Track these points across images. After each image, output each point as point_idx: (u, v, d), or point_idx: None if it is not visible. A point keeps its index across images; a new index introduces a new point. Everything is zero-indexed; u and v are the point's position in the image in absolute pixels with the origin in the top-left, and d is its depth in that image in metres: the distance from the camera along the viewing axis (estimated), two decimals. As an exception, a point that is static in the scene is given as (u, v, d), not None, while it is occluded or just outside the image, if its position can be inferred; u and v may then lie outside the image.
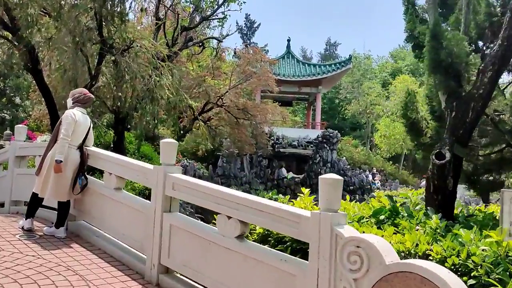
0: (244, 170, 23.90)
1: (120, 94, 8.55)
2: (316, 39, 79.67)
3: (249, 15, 57.80)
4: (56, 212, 5.11)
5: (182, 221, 4.02)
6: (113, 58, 8.81)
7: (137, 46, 8.48)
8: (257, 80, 15.82)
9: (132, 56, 8.40)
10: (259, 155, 23.33)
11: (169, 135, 18.03)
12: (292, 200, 5.82)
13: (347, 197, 6.53)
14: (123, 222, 4.60)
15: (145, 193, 9.65)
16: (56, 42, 8.49)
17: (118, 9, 8.66)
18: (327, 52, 69.04)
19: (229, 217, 3.50)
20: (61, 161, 4.78)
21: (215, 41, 15.81)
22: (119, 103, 8.93)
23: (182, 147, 18.72)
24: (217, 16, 13.85)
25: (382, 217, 5.21)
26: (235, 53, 16.92)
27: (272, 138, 21.92)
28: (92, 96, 5.34)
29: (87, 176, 5.18)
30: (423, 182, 33.40)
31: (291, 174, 24.90)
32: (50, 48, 8.75)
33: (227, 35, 14.92)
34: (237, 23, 55.93)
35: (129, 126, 11.43)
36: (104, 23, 8.47)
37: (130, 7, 11.53)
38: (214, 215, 3.72)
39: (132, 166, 4.62)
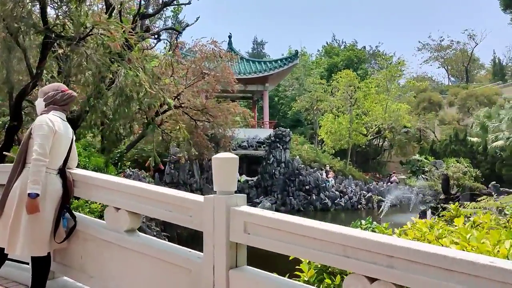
0: (194, 176, 22.21)
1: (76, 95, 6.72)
2: (242, 38, 79.24)
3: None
4: (31, 270, 3.37)
5: (263, 280, 2.57)
6: (63, 50, 6.92)
7: (98, 33, 6.63)
8: (215, 78, 14.30)
9: (93, 46, 6.55)
10: (210, 160, 21.77)
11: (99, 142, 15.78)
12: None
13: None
14: (146, 285, 3.02)
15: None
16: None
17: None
18: (254, 51, 68.87)
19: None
20: (37, 195, 3.09)
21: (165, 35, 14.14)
22: (75, 107, 7.07)
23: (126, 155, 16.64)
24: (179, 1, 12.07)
25: None
26: (189, 48, 15.30)
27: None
28: (74, 93, 3.61)
29: (75, 213, 3.49)
30: (394, 177, 33.97)
31: (244, 177, 23.63)
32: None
33: (187, 25, 13.11)
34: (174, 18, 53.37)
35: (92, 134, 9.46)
36: (51, 5, 6.57)
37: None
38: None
39: (160, 197, 3.04)
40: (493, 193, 29.31)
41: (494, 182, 30.30)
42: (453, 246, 2.81)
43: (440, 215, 5.29)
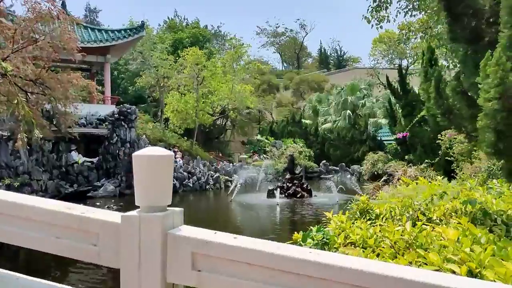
0: (20, 157, 18.92)
1: None
2: (73, 3, 72.16)
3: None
4: None
5: None
6: None
7: None
8: (52, 44, 11.85)
9: None
10: (41, 138, 18.73)
11: None
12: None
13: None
14: None
15: None
16: None
17: None
18: (87, 19, 63.15)
19: None
20: None
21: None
22: None
23: None
24: None
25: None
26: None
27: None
28: None
29: None
30: (243, 155, 34.14)
31: (82, 158, 21.12)
32: None
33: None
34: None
35: None
36: None
37: None
38: None
39: (34, 213, 1.83)
40: (324, 171, 32.37)
41: (325, 161, 33.55)
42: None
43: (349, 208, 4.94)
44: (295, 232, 3.66)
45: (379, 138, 33.12)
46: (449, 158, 9.19)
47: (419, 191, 3.82)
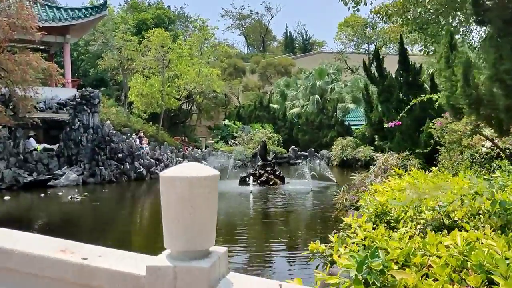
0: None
1: None
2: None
3: None
4: None
5: None
6: None
7: None
8: (8, 22, 10.69)
9: None
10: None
11: None
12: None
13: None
14: None
15: None
16: None
17: None
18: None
19: None
20: None
21: None
22: None
23: None
24: None
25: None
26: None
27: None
28: None
29: None
30: (210, 141, 33.30)
31: (42, 145, 19.86)
32: None
33: None
34: None
35: None
36: None
37: None
38: None
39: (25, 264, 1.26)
40: (293, 157, 32.20)
41: (294, 146, 33.37)
42: None
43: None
44: (311, 243, 3.20)
45: (347, 123, 33.23)
46: (439, 148, 9.02)
47: (441, 189, 3.42)
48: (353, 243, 3.05)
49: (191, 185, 1.17)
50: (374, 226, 3.43)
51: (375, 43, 38.49)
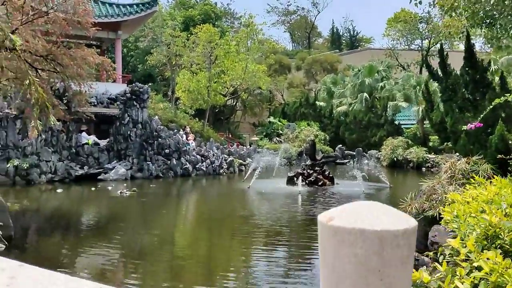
0: (28, 137, 18.01)
1: None
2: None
3: None
4: None
5: None
6: None
7: None
8: (65, 17, 10.77)
9: None
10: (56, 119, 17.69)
11: None
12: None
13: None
14: None
15: None
16: None
17: None
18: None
19: None
20: None
21: None
22: None
23: None
24: None
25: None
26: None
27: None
28: None
29: None
30: (254, 137, 33.17)
31: (93, 139, 20.23)
32: None
33: None
34: None
35: None
36: None
37: None
38: None
39: None
40: (340, 156, 31.35)
41: (340, 145, 32.50)
42: None
43: None
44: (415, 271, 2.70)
45: (397, 123, 31.99)
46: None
47: None
48: (468, 275, 2.53)
49: (382, 243, 0.73)
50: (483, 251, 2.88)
51: (429, 39, 36.77)
